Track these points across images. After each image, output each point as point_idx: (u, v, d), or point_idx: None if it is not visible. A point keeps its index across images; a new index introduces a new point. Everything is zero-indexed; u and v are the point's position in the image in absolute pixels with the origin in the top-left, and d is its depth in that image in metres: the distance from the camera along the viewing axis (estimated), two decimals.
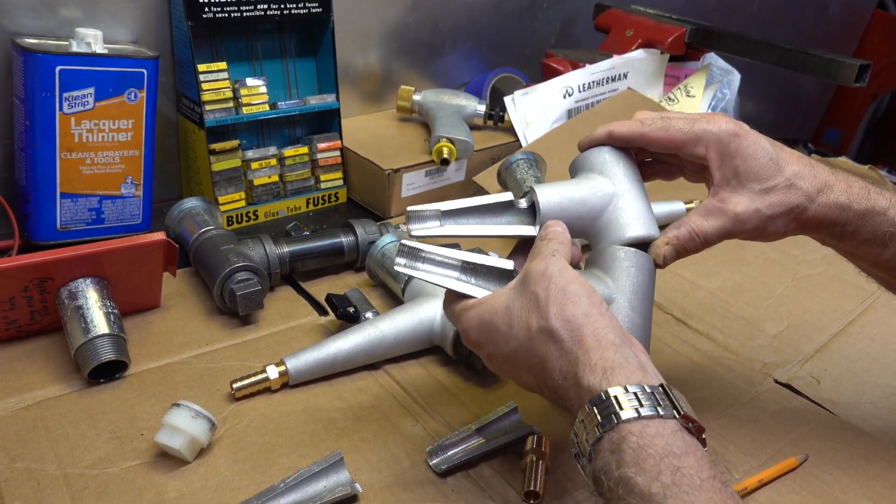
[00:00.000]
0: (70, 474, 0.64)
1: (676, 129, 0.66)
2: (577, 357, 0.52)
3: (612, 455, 0.48)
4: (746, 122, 1.38)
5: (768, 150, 0.64)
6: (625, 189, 0.66)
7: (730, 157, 0.64)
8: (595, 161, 0.69)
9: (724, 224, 0.64)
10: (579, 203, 0.65)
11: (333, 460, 0.64)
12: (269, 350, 0.82)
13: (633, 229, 0.65)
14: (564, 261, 0.58)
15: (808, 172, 0.64)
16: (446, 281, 0.62)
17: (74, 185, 0.95)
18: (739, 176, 0.64)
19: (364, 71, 1.31)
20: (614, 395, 0.49)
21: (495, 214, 0.66)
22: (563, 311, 0.54)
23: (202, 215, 0.96)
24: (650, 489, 0.46)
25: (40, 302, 0.77)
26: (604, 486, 0.49)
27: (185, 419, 0.65)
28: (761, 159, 0.64)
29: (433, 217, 0.65)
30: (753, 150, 0.64)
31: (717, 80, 1.39)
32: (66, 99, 0.91)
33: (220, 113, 1.05)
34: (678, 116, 0.67)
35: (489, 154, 1.23)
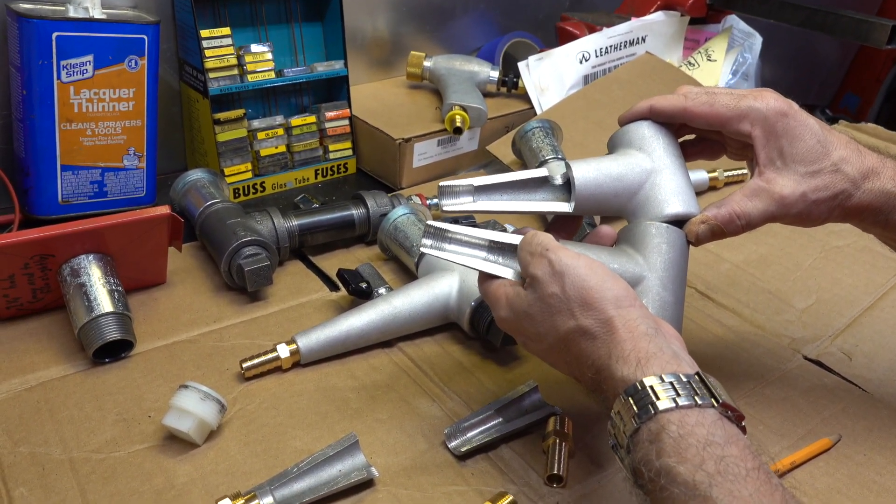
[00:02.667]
0: (75, 458, 0.62)
1: (722, 105, 0.63)
2: (610, 350, 0.52)
3: (652, 445, 0.47)
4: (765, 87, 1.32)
5: (816, 131, 0.61)
6: (664, 165, 0.64)
7: (776, 136, 0.62)
8: (634, 136, 0.66)
9: (768, 206, 0.62)
10: (616, 179, 0.63)
11: (348, 443, 0.61)
12: (279, 327, 0.79)
13: (671, 206, 0.62)
14: (563, 248, 0.56)
15: (856, 158, 0.61)
16: (474, 261, 0.61)
17: (75, 157, 0.92)
18: (785, 157, 0.61)
19: (372, 36, 1.26)
20: (650, 385, 0.48)
21: (529, 190, 0.65)
22: (590, 306, 0.53)
23: (208, 187, 0.93)
24: (694, 478, 0.44)
25: (42, 279, 0.75)
26: (644, 478, 0.47)
27: (193, 401, 0.62)
28: (808, 141, 0.61)
29: (466, 192, 0.63)
30: (801, 130, 0.61)
31: (738, 44, 1.34)
32: (63, 67, 0.87)
33: (224, 81, 1.01)
34: (724, 92, 0.64)
35: (503, 122, 1.19)
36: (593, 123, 1.16)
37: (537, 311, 0.56)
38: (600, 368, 0.52)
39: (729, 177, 1.05)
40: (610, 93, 1.21)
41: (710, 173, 1.04)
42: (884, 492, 0.62)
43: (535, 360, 0.76)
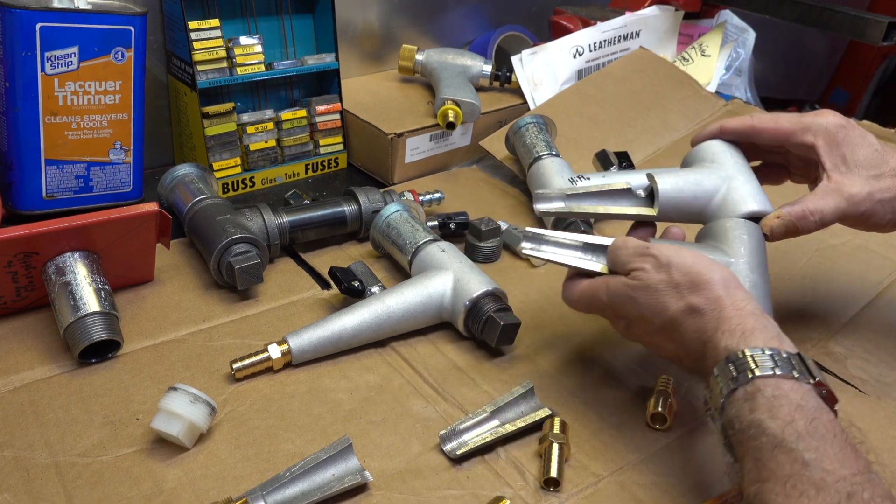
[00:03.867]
0: (61, 462, 0.60)
1: (785, 120, 0.71)
2: (718, 325, 0.56)
3: (746, 403, 0.51)
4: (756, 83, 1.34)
5: (873, 142, 0.70)
6: (737, 171, 0.73)
7: (837, 145, 0.69)
8: (706, 152, 0.75)
9: (839, 203, 0.68)
10: (694, 184, 0.72)
11: (341, 447, 0.60)
12: (269, 327, 0.78)
13: (747, 205, 0.70)
14: (662, 244, 0.63)
15: None
16: (571, 259, 0.67)
17: (60, 152, 0.90)
18: (848, 163, 0.69)
19: (364, 29, 1.24)
20: (751, 355, 0.53)
21: (615, 198, 0.73)
22: (700, 288, 0.58)
23: (196, 183, 0.91)
24: (783, 432, 0.48)
25: (26, 277, 0.73)
26: (734, 429, 0.51)
27: (182, 404, 0.61)
28: (867, 149, 0.69)
29: (558, 198, 0.72)
30: (860, 140, 0.69)
31: (732, 39, 1.33)
32: (48, 59, 0.85)
33: (212, 74, 0.99)
34: (787, 114, 0.73)
35: (496, 117, 1.17)
36: (587, 119, 1.15)
37: (642, 296, 0.61)
38: (707, 341, 0.57)
39: None
40: (604, 88, 1.20)
41: None
42: None
43: (531, 360, 0.75)
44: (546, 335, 0.79)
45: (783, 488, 0.46)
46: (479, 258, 0.90)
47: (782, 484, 0.46)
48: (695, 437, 0.67)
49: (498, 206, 1.04)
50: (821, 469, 0.46)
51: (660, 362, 0.75)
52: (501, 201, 1.06)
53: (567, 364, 0.75)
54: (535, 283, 0.88)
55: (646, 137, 1.15)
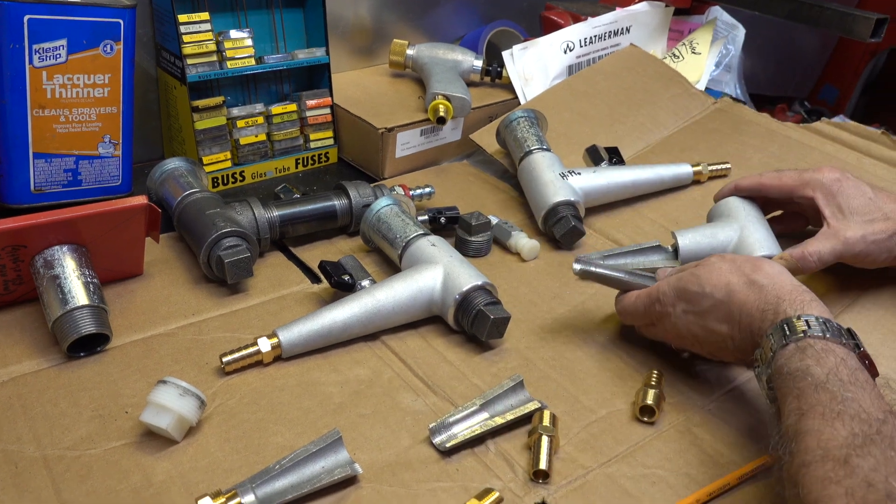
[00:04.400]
0: (50, 456, 0.60)
1: (787, 177, 0.84)
2: (778, 297, 0.63)
3: (796, 353, 0.57)
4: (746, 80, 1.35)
5: (867, 191, 0.80)
6: (749, 223, 0.85)
7: (833, 196, 0.80)
8: (724, 208, 0.88)
9: (835, 246, 0.79)
10: (710, 237, 0.85)
11: (331, 439, 0.60)
12: (259, 321, 0.78)
13: (756, 251, 0.82)
14: None
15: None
16: (619, 277, 0.75)
17: (48, 145, 0.89)
18: (844, 210, 0.80)
19: (354, 23, 1.24)
20: (806, 319, 0.59)
21: (645, 255, 0.87)
22: (761, 269, 0.66)
23: (186, 177, 0.90)
24: (826, 377, 0.54)
25: (14, 271, 0.72)
26: (781, 374, 0.57)
27: (171, 397, 0.61)
28: (861, 198, 0.80)
29: (597, 258, 0.84)
30: (854, 190, 0.80)
31: (722, 36, 1.34)
32: (36, 51, 0.85)
33: (202, 67, 0.99)
34: (791, 169, 0.86)
35: (486, 112, 1.18)
36: (577, 114, 1.16)
37: (705, 272, 0.68)
38: (765, 310, 0.62)
39: (713, 171, 1.05)
40: (594, 84, 1.20)
41: (693, 167, 1.04)
42: None
43: (521, 354, 0.76)
44: (536, 329, 0.79)
45: (821, 415, 0.52)
46: (469, 252, 0.90)
47: (820, 412, 0.52)
48: (682, 429, 0.67)
49: (488, 200, 1.05)
50: (857, 405, 0.52)
51: (649, 356, 0.76)
52: (492, 196, 1.06)
53: (556, 358, 0.75)
54: (524, 277, 0.88)
55: (636, 134, 1.15)
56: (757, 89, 1.76)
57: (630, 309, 0.74)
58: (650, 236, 0.94)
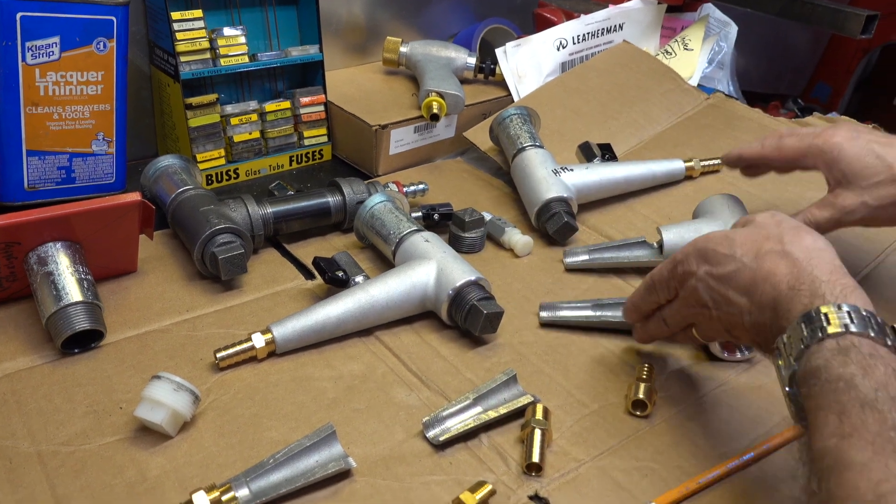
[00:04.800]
0: (44, 451, 0.60)
1: (788, 148, 0.80)
2: (814, 275, 0.55)
3: (838, 356, 0.49)
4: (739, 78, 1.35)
5: (873, 149, 0.75)
6: (733, 218, 0.83)
7: (835, 163, 0.76)
8: (709, 205, 0.89)
9: (832, 214, 0.76)
10: (694, 231, 0.84)
11: (325, 433, 0.60)
12: (253, 317, 0.78)
13: None
14: None
15: None
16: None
17: (41, 142, 0.89)
18: (847, 177, 0.75)
19: (348, 21, 1.24)
20: (848, 311, 0.51)
21: (630, 250, 0.88)
22: (800, 239, 0.58)
23: (180, 174, 0.91)
24: (875, 393, 0.46)
25: (7, 268, 0.73)
26: (818, 379, 0.49)
27: (166, 392, 0.61)
28: (865, 159, 0.74)
29: (583, 252, 0.89)
30: (857, 152, 0.75)
31: (714, 33, 1.34)
32: (29, 49, 0.85)
33: (196, 65, 0.99)
34: (792, 133, 0.80)
35: (480, 109, 1.18)
36: (571, 111, 1.16)
37: (742, 235, 0.61)
38: (798, 287, 0.55)
39: (705, 166, 1.05)
40: (587, 81, 1.21)
41: (686, 163, 1.04)
42: None
43: (514, 349, 0.76)
44: (529, 324, 0.80)
45: (871, 445, 0.44)
46: (462, 248, 0.91)
47: (870, 442, 0.44)
48: (674, 423, 0.68)
49: (482, 197, 1.05)
50: None
51: (641, 351, 0.76)
52: (485, 192, 1.06)
53: (549, 352, 0.76)
54: (518, 273, 0.89)
55: (629, 130, 1.15)
56: (750, 87, 1.77)
57: (656, 277, 0.67)
58: (642, 232, 0.95)
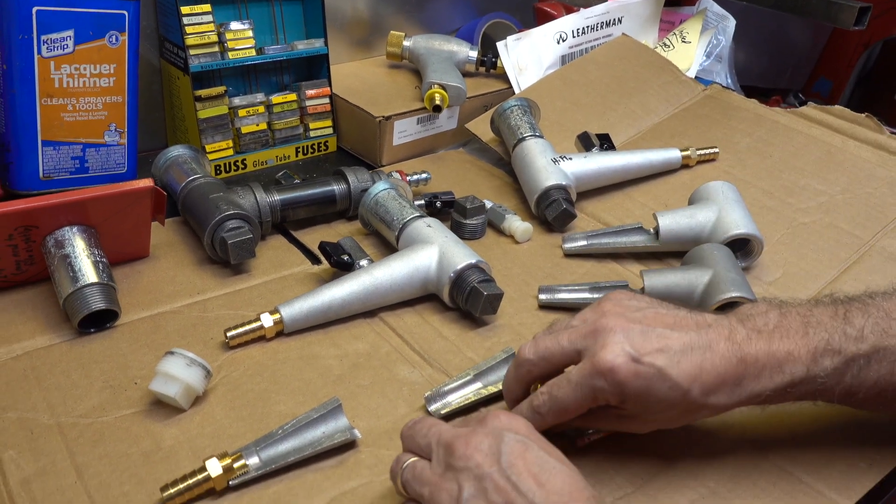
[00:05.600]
0: (64, 423, 0.63)
1: (570, 404, 0.58)
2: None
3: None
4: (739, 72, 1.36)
5: (664, 377, 0.56)
6: (727, 203, 0.88)
7: (626, 401, 0.57)
8: (704, 192, 0.91)
9: (615, 428, 0.63)
10: (689, 217, 0.88)
11: (331, 406, 0.63)
12: (261, 299, 0.81)
13: (733, 229, 0.85)
14: None
15: (714, 382, 0.57)
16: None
17: (56, 133, 0.92)
18: (639, 413, 0.59)
19: (352, 16, 1.27)
20: None
21: (627, 235, 0.91)
22: (548, 482, 0.48)
23: (189, 163, 0.93)
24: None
25: (26, 251, 0.75)
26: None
27: (179, 367, 0.64)
28: (656, 392, 0.56)
29: (582, 238, 0.91)
30: (645, 381, 0.56)
31: (712, 26, 1.37)
32: (44, 42, 0.87)
33: (205, 58, 1.02)
34: (559, 383, 0.58)
35: (482, 101, 1.20)
36: (570, 103, 1.18)
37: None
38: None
39: (701, 155, 1.08)
40: (587, 73, 1.23)
41: (682, 152, 1.07)
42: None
43: (513, 329, 0.79)
44: (528, 306, 0.82)
45: None
46: (464, 235, 0.93)
47: None
48: None
49: (483, 186, 1.08)
50: None
51: None
52: (487, 182, 1.09)
53: None
54: (518, 258, 0.91)
55: (627, 121, 1.18)
56: (750, 82, 1.79)
57: None
58: (639, 219, 0.97)
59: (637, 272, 0.88)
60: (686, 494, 0.61)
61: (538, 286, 0.83)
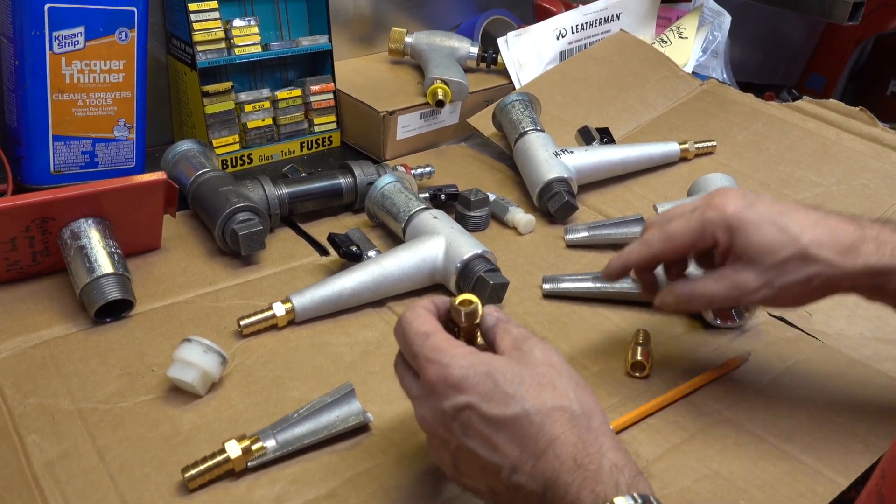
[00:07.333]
0: (84, 409, 0.65)
1: (678, 234, 0.64)
2: (602, 452, 0.48)
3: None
4: (734, 68, 1.39)
5: (773, 220, 0.61)
6: None
7: (733, 236, 0.62)
8: (703, 183, 0.94)
9: (730, 292, 0.63)
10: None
11: (345, 391, 0.65)
12: (272, 289, 0.83)
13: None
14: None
15: (828, 238, 0.59)
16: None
17: (67, 128, 0.94)
18: (748, 252, 0.61)
19: (355, 13, 1.28)
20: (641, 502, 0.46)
21: (628, 226, 0.92)
22: (582, 394, 0.51)
23: (198, 157, 0.95)
24: None
25: (42, 243, 0.77)
26: None
27: (196, 353, 0.66)
28: (766, 232, 0.60)
29: (584, 229, 0.93)
30: (758, 222, 0.61)
31: (708, 22, 1.39)
32: (55, 38, 0.89)
33: (212, 54, 1.03)
34: (677, 215, 0.64)
35: (483, 96, 1.22)
36: (570, 97, 1.20)
37: (528, 376, 0.51)
38: (584, 464, 0.47)
39: (699, 148, 1.10)
40: (586, 68, 1.25)
41: (681, 145, 1.09)
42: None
43: (519, 318, 0.81)
44: (532, 296, 0.84)
45: None
46: (468, 227, 0.95)
47: None
48: (671, 384, 0.72)
49: (486, 180, 1.09)
50: None
51: (638, 319, 0.81)
52: (489, 175, 1.11)
53: (552, 321, 0.80)
54: (521, 249, 0.93)
55: (626, 115, 1.20)
56: (745, 78, 1.81)
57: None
58: (639, 210, 0.99)
59: None
60: (689, 475, 0.63)
61: (542, 276, 0.85)
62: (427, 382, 0.52)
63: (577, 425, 0.49)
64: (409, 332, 0.55)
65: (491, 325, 0.56)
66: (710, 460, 0.64)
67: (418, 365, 0.54)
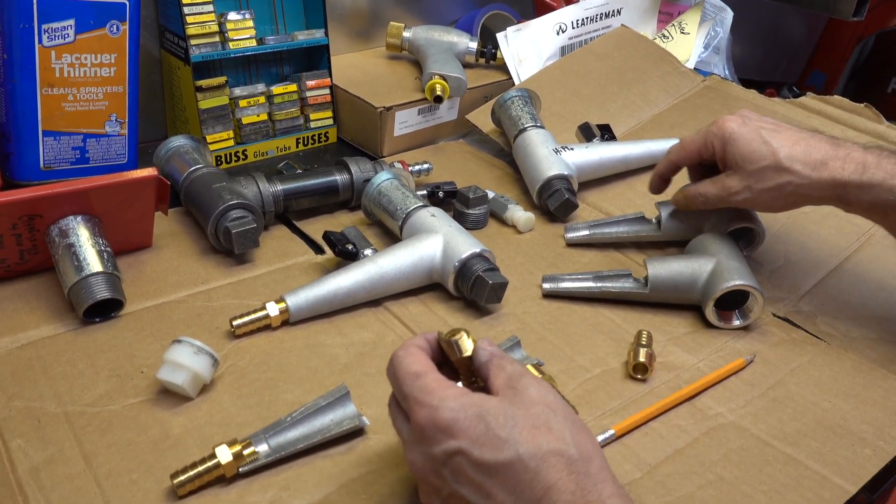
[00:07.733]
0: (71, 412, 0.63)
1: (689, 144, 0.82)
2: (601, 498, 0.46)
3: None
4: (735, 65, 1.38)
5: (761, 135, 0.76)
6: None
7: (727, 147, 0.78)
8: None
9: (719, 192, 0.79)
10: (695, 217, 0.88)
11: (339, 394, 0.63)
12: (266, 289, 0.81)
13: (737, 219, 0.85)
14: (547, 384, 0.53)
15: (802, 154, 0.73)
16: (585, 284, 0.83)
17: (57, 123, 0.92)
18: (736, 160, 0.77)
19: (352, 7, 1.26)
20: None
21: (629, 224, 0.91)
22: (579, 439, 0.48)
23: (191, 153, 0.93)
24: None
25: (29, 241, 0.75)
26: None
27: (186, 355, 0.64)
28: (752, 144, 0.76)
29: (584, 228, 0.92)
30: (748, 136, 0.76)
31: (710, 17, 1.37)
32: (45, 31, 0.87)
33: (205, 48, 1.01)
34: (693, 136, 0.82)
35: (482, 92, 1.20)
36: (570, 93, 1.19)
37: (521, 416, 0.48)
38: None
39: None
40: (586, 64, 1.24)
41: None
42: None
43: (518, 318, 0.79)
44: (532, 295, 0.83)
45: None
46: (467, 225, 0.93)
47: None
48: (672, 386, 0.71)
49: (484, 177, 1.08)
50: None
51: (639, 321, 0.79)
52: (488, 172, 1.09)
53: (552, 321, 0.79)
54: (521, 247, 0.91)
55: (627, 111, 1.18)
56: (747, 75, 1.79)
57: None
58: (640, 208, 0.97)
59: (639, 261, 0.88)
60: (694, 480, 0.61)
61: (541, 275, 0.83)
62: (416, 426, 0.50)
63: (574, 471, 0.46)
64: (400, 371, 0.52)
65: (484, 360, 0.53)
66: (714, 465, 0.63)
67: (408, 406, 0.51)
